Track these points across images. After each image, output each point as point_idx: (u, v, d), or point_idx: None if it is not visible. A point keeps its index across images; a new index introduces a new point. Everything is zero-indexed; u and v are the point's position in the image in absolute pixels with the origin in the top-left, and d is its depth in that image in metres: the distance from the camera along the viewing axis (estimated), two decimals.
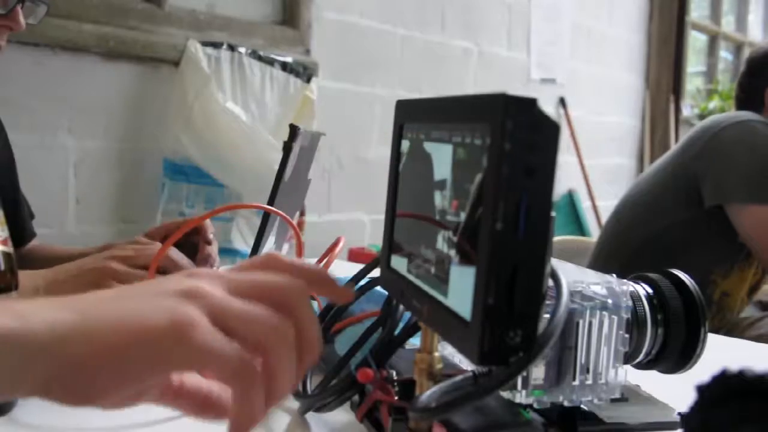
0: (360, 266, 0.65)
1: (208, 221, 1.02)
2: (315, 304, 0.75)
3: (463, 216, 0.37)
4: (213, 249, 1.05)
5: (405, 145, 0.48)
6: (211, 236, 1.01)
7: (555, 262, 0.43)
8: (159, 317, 0.34)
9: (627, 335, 0.53)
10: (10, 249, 0.55)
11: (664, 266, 0.62)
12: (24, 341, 0.32)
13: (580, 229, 3.34)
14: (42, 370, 0.33)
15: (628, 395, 0.58)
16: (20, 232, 1.14)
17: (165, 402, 0.40)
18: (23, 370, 0.33)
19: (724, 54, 4.75)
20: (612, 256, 1.59)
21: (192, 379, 0.41)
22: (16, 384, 0.33)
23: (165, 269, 0.85)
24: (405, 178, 0.48)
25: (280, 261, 0.39)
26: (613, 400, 0.54)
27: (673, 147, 1.62)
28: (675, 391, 0.57)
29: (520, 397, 0.51)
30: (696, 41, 4.43)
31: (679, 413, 0.56)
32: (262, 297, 0.36)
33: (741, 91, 1.64)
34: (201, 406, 0.41)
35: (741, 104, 1.63)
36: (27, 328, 0.32)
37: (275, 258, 0.40)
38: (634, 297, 0.57)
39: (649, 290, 0.58)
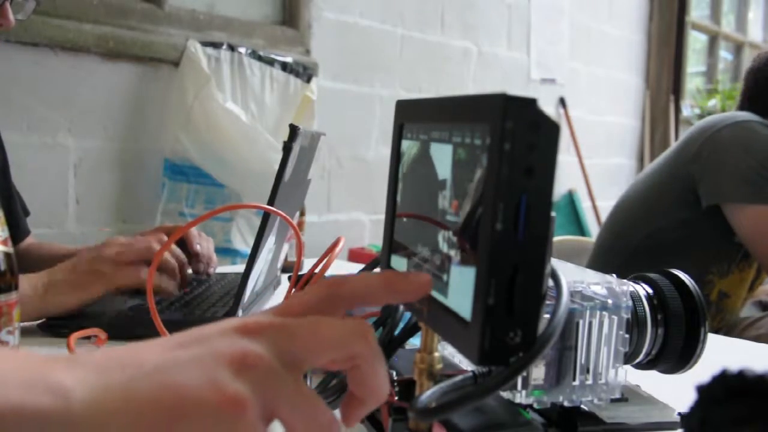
0: (360, 266, 0.65)
1: (193, 231, 1.02)
2: None
3: (463, 216, 0.37)
4: (210, 250, 1.05)
5: (405, 145, 0.48)
6: (197, 247, 1.02)
7: (555, 262, 0.43)
8: (206, 393, 0.31)
9: (627, 335, 0.53)
10: (10, 249, 0.55)
11: (661, 266, 0.62)
12: (65, 424, 0.30)
13: (580, 229, 3.34)
14: None
15: (628, 395, 0.58)
16: (14, 229, 1.14)
17: None
18: None
19: (724, 54, 4.75)
20: (610, 256, 1.59)
21: None
22: None
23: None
24: (405, 178, 0.48)
25: (345, 289, 0.38)
26: (613, 400, 0.54)
27: (671, 147, 1.61)
28: (675, 391, 0.57)
29: (520, 397, 0.51)
30: (696, 41, 4.43)
31: (679, 413, 0.57)
32: (324, 356, 0.35)
33: (756, 92, 1.56)
34: None
35: (747, 102, 1.58)
36: (69, 410, 0.30)
37: (339, 285, 0.38)
38: (634, 297, 0.57)
39: (649, 290, 0.58)
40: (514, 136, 0.33)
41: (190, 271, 1.04)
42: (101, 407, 0.31)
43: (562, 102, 3.28)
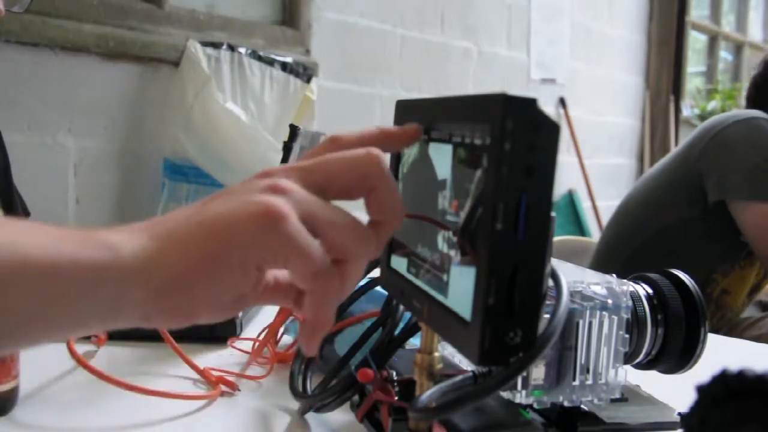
0: None
1: None
2: None
3: (463, 216, 0.37)
4: None
5: None
6: None
7: (555, 262, 0.43)
8: (246, 210, 0.33)
9: (627, 335, 0.53)
10: None
11: (666, 265, 0.62)
12: (118, 274, 0.33)
13: (580, 229, 3.34)
14: (139, 300, 0.33)
15: (628, 395, 0.58)
16: None
17: (263, 301, 0.41)
18: (121, 300, 0.33)
19: (724, 54, 4.75)
20: (614, 255, 1.59)
21: (285, 273, 0.40)
22: (115, 314, 0.34)
23: None
24: (405, 178, 0.48)
25: (343, 139, 0.40)
26: (613, 400, 0.54)
27: (676, 148, 1.61)
28: (675, 391, 0.57)
29: (520, 397, 0.51)
30: (696, 41, 4.43)
31: (679, 413, 0.57)
32: (342, 180, 0.37)
33: (755, 89, 1.61)
34: (296, 299, 0.40)
35: (751, 103, 1.61)
36: (119, 260, 0.33)
37: (337, 138, 0.40)
38: (634, 297, 0.57)
39: (649, 290, 0.58)
40: (514, 136, 0.33)
41: None
42: (149, 255, 0.33)
43: (562, 102, 3.28)
